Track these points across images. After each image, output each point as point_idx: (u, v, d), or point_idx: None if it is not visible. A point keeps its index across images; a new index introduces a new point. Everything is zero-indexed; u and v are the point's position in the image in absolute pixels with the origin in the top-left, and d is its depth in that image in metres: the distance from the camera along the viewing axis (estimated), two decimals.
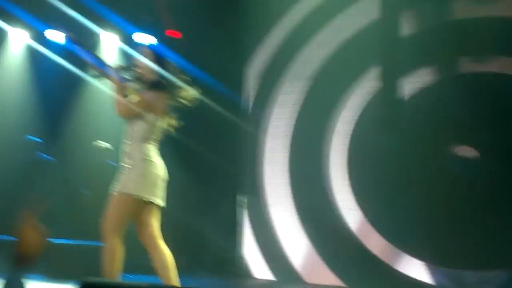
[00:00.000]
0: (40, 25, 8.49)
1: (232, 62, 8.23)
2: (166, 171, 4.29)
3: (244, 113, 8.30)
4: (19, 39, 8.82)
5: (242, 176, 8.21)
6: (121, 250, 4.12)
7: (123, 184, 4.14)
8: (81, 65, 8.39)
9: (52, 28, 8.43)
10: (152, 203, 4.18)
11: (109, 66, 4.35)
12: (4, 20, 8.48)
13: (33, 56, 8.75)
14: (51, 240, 6.49)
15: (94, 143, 7.54)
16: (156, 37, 8.17)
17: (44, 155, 7.67)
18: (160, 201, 4.24)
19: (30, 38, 8.74)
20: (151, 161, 4.18)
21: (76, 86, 8.51)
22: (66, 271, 6.26)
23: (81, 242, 6.80)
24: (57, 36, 8.50)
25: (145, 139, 4.21)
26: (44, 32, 8.50)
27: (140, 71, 4.34)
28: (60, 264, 6.46)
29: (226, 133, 8.27)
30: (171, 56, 4.51)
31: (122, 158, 4.27)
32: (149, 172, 4.15)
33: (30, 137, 7.71)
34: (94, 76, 4.42)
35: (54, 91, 8.57)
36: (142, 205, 4.16)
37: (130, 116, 4.22)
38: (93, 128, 8.34)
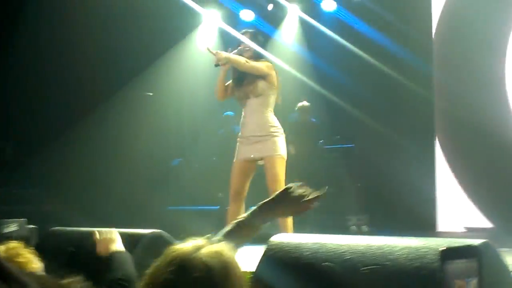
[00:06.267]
0: (233, 5, 8.88)
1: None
2: None
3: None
4: (213, 20, 9.08)
5: None
6: None
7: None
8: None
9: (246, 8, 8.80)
10: None
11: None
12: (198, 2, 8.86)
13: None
14: None
15: None
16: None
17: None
18: None
19: (222, 19, 8.99)
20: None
21: None
22: None
23: None
24: (248, 15, 8.83)
25: None
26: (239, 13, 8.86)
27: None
28: None
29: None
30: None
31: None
32: None
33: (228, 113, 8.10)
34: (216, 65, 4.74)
35: None
36: None
37: None
38: None
